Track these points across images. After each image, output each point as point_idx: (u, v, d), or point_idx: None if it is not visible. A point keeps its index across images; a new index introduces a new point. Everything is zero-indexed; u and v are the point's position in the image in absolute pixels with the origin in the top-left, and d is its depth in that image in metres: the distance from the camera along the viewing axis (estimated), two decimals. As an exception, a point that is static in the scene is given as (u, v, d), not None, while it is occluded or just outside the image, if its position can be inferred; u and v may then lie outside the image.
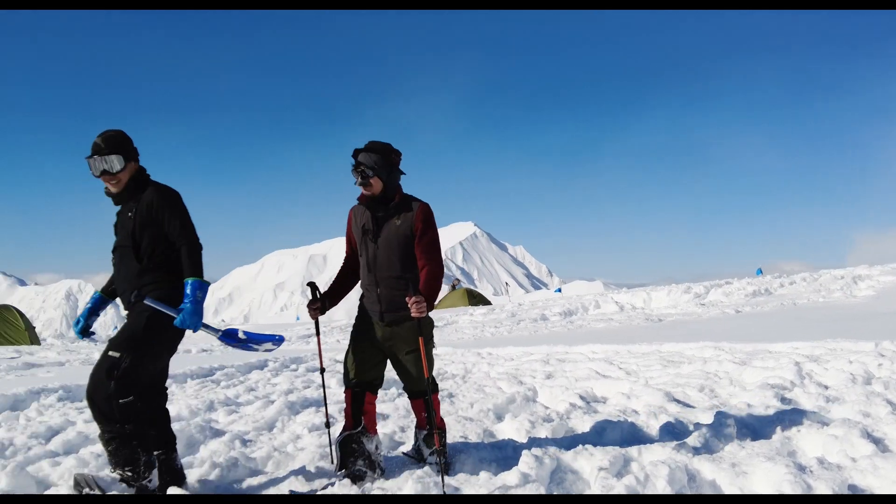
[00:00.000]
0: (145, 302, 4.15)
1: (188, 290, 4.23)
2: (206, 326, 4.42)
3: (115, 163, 4.26)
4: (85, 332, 4.61)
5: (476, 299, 36.00)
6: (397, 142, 4.74)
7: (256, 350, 4.77)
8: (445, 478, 4.36)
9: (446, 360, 11.47)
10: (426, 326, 4.66)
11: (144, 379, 4.24)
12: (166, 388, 4.59)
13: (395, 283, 4.63)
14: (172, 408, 7.23)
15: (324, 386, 5.32)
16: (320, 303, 4.94)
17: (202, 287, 4.27)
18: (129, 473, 4.10)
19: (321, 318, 10.13)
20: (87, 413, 7.05)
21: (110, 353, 4.10)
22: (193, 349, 14.97)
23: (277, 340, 4.81)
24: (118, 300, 4.59)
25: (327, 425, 5.24)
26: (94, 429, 6.28)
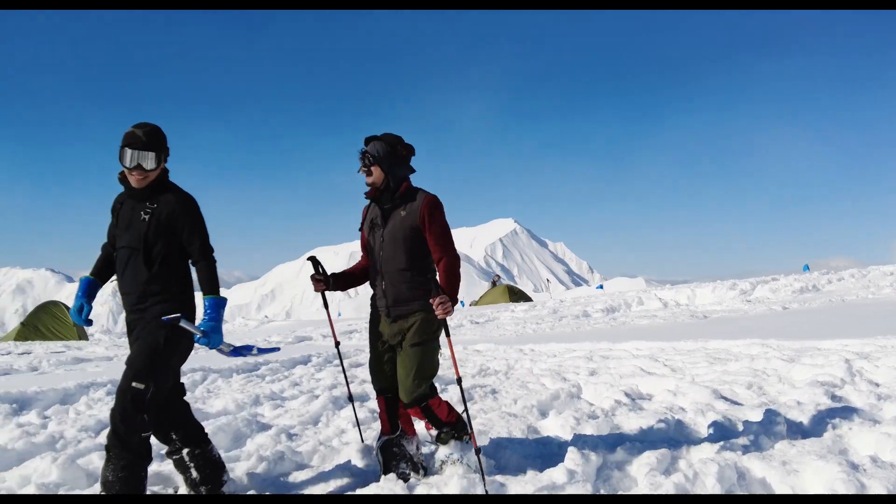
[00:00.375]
0: (181, 325, 4.04)
1: (209, 309, 4.18)
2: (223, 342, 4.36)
3: (152, 160, 4.14)
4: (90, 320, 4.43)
5: (517, 296, 35.89)
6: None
7: (251, 356, 4.68)
8: (488, 476, 4.34)
9: (488, 356, 11.46)
10: (436, 322, 4.53)
11: (163, 396, 4.23)
12: (182, 384, 4.52)
13: (400, 276, 4.54)
14: (219, 402, 7.33)
15: (341, 359, 5.41)
16: (323, 277, 4.86)
17: (223, 305, 4.23)
18: None
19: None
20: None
21: (134, 384, 3.98)
22: (238, 345, 15.13)
23: (276, 350, 4.88)
24: (105, 290, 4.54)
25: (350, 399, 5.42)
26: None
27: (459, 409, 5.55)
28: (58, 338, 21.41)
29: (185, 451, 4.32)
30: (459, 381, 4.47)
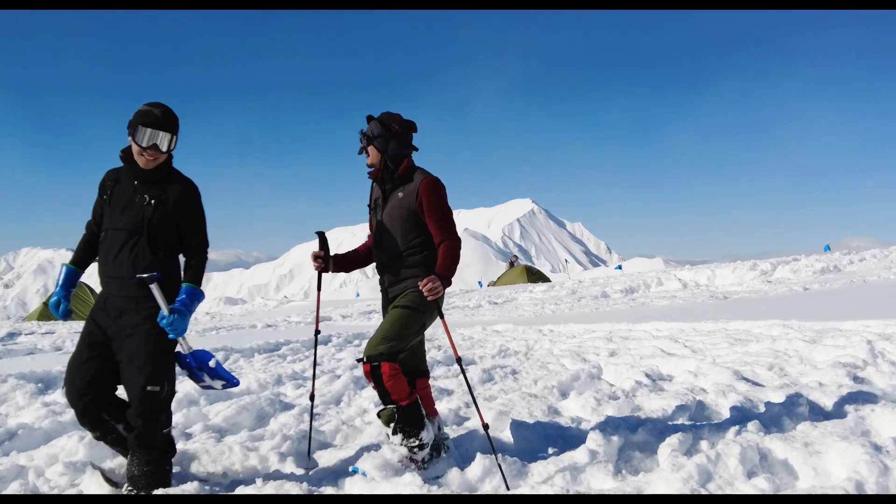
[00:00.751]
0: (151, 287, 3.95)
1: (186, 296, 4.07)
2: (183, 338, 4.22)
3: (169, 142, 4.04)
4: (67, 313, 4.23)
5: (535, 276, 35.86)
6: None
7: (204, 383, 4.33)
8: (510, 457, 4.34)
9: (508, 336, 11.48)
10: (422, 294, 4.33)
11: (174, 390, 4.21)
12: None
13: (397, 257, 4.48)
14: (242, 381, 7.38)
15: (315, 347, 5.11)
16: (324, 257, 4.68)
17: (200, 297, 4.15)
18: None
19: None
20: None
21: (149, 388, 3.95)
22: (259, 325, 15.23)
23: (234, 384, 4.43)
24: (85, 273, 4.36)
25: (311, 398, 4.91)
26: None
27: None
28: (80, 317, 21.63)
29: (121, 426, 4.12)
30: (459, 360, 4.36)
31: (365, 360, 4.28)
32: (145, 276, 3.94)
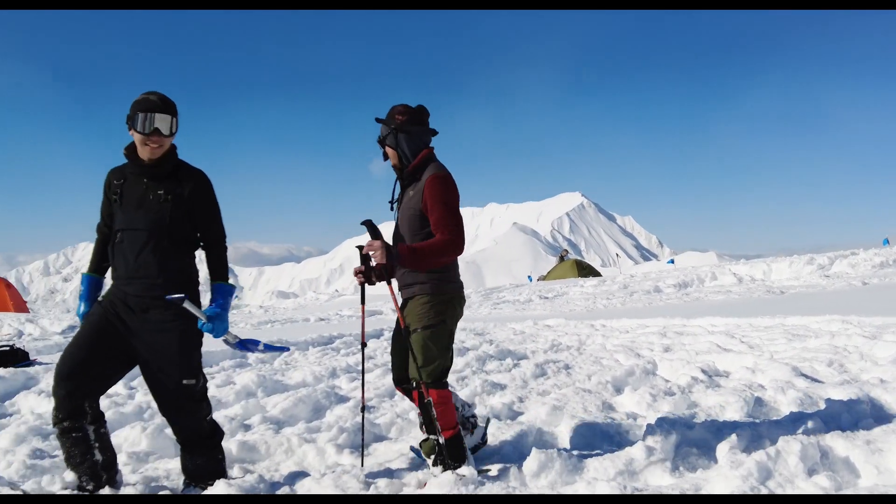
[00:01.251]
0: (184, 305, 3.85)
1: (219, 296, 4.03)
2: (227, 333, 4.16)
3: (170, 125, 3.89)
4: None
5: (585, 271, 35.62)
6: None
7: (258, 353, 4.40)
8: (565, 451, 4.32)
9: (559, 331, 11.46)
10: (433, 303, 4.18)
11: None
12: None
13: None
14: (297, 374, 7.50)
15: (363, 363, 4.97)
16: (366, 269, 4.31)
17: (231, 293, 4.10)
18: (209, 487, 4.02)
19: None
20: (218, 377, 7.37)
21: (185, 381, 3.92)
22: (312, 318, 15.40)
23: (285, 350, 4.78)
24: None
25: (363, 409, 4.84)
26: (224, 393, 6.57)
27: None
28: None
29: (91, 427, 3.90)
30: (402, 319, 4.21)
31: (413, 385, 4.20)
32: (174, 297, 3.82)
